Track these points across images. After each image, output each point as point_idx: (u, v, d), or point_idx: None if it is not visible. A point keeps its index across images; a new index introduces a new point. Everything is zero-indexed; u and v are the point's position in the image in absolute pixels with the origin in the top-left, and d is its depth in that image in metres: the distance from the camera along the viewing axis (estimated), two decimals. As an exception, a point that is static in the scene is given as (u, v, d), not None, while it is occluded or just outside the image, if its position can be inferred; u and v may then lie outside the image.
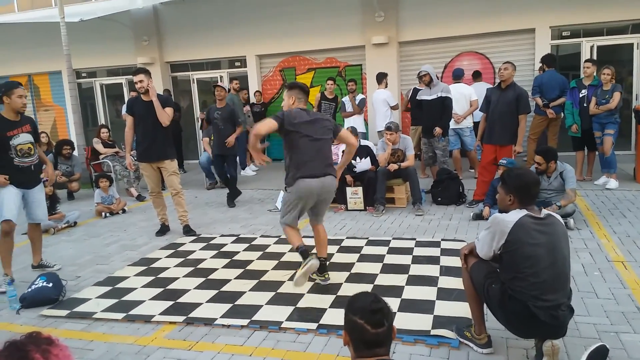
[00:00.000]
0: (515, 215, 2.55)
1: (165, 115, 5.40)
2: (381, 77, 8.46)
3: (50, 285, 3.95)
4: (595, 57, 8.63)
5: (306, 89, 4.07)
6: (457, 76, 7.98)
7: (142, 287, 4.17)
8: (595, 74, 6.92)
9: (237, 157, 7.61)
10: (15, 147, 4.32)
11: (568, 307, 2.56)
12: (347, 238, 5.19)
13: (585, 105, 6.83)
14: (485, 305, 2.78)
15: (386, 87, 8.51)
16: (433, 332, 3.07)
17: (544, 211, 2.61)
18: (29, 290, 3.92)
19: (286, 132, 3.77)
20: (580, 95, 6.91)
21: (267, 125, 3.72)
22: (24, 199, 4.46)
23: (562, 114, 7.27)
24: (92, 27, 10.90)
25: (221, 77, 11.58)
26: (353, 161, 6.46)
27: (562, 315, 2.51)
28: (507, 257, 2.55)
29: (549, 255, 2.49)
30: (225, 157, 7.24)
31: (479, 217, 5.65)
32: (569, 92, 7.05)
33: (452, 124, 7.43)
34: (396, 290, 3.74)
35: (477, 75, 8.63)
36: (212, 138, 7.51)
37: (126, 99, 9.77)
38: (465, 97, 7.71)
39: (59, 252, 5.31)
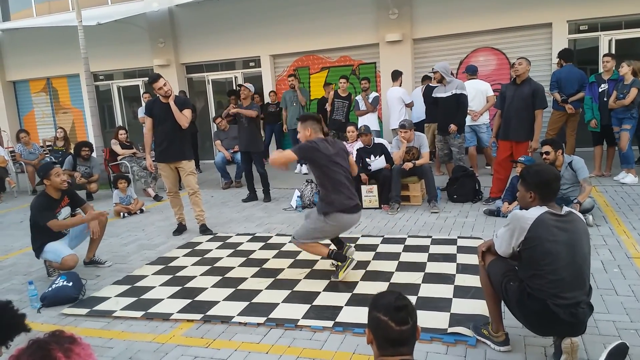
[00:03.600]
0: (536, 211, 2.52)
1: (184, 118, 5.48)
2: (397, 75, 8.42)
3: (70, 284, 4.01)
4: (613, 51, 8.50)
5: (318, 118, 4.20)
6: (473, 72, 7.91)
7: (160, 285, 4.23)
8: (614, 68, 6.82)
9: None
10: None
11: (587, 304, 2.53)
12: (362, 236, 5.19)
13: (605, 99, 6.70)
14: (503, 303, 2.76)
15: (401, 84, 8.48)
16: (450, 329, 3.06)
17: (565, 208, 2.57)
18: (50, 289, 3.99)
19: (317, 164, 3.91)
20: (600, 90, 6.78)
21: (286, 156, 3.88)
22: None
23: (581, 109, 7.17)
24: (109, 30, 11.05)
25: (236, 77, 11.65)
26: (367, 159, 6.45)
27: (582, 313, 2.48)
28: (526, 254, 2.52)
29: (569, 252, 2.46)
30: (251, 154, 7.27)
31: (492, 212, 5.60)
32: (588, 87, 6.93)
33: (468, 121, 7.38)
34: (412, 288, 3.73)
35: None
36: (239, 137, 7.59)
37: (142, 102, 9.88)
38: (482, 93, 7.64)
39: (79, 252, 5.33)
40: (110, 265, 4.86)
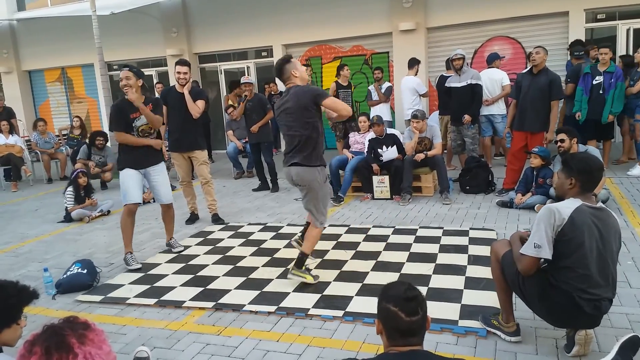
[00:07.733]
0: (572, 203, 2.44)
1: (196, 109, 5.49)
2: (413, 63, 8.22)
3: (85, 271, 4.08)
4: (631, 41, 8.36)
5: None
6: (489, 62, 7.78)
7: (172, 273, 4.28)
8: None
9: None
10: (138, 128, 4.53)
11: (609, 299, 2.51)
12: (373, 227, 5.18)
13: (600, 92, 6.43)
14: (516, 295, 2.72)
15: (416, 74, 8.34)
16: (461, 323, 3.05)
17: (600, 203, 2.50)
18: (65, 276, 4.06)
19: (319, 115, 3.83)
20: (594, 82, 6.49)
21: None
22: (148, 181, 4.72)
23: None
24: (123, 20, 11.10)
25: (248, 67, 11.64)
26: (379, 150, 6.43)
27: (605, 306, 2.47)
28: (558, 246, 2.43)
29: (599, 248, 2.41)
30: (260, 144, 7.29)
31: (505, 204, 5.55)
32: (582, 78, 6.65)
33: (484, 110, 7.26)
34: (423, 279, 3.73)
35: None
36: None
37: (155, 92, 9.92)
38: (497, 82, 7.52)
39: (93, 240, 5.47)
40: (182, 250, 4.84)
